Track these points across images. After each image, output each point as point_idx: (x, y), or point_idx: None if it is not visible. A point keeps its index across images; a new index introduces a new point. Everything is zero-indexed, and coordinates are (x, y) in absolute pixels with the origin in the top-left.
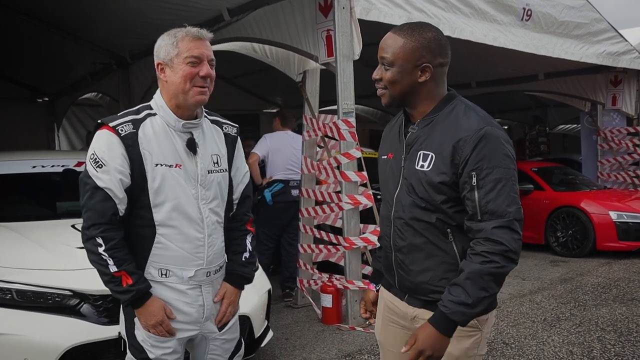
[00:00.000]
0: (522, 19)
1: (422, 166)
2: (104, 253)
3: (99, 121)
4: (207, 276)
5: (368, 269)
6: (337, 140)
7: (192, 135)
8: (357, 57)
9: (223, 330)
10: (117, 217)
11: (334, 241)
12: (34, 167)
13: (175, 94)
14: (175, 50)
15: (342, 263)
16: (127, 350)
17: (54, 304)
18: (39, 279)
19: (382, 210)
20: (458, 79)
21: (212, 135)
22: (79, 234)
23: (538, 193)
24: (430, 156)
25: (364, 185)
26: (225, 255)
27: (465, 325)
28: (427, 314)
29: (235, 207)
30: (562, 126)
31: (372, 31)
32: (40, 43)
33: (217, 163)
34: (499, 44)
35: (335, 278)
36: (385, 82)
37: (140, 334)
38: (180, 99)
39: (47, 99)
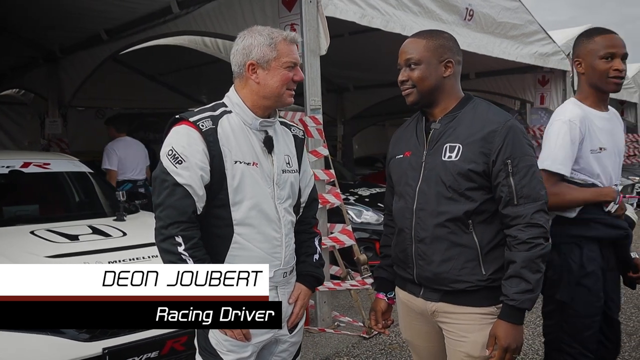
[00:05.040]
0: (464, 19)
1: (450, 157)
2: (184, 252)
3: (176, 116)
4: (283, 277)
5: (335, 269)
6: None
7: (268, 133)
8: (324, 53)
9: (293, 333)
10: (195, 216)
11: None
12: None
13: (268, 96)
14: (273, 52)
15: None
16: (197, 355)
17: None
18: None
19: (399, 204)
20: (388, 77)
21: (283, 136)
22: (42, 241)
23: None
24: (457, 147)
25: (332, 183)
26: (295, 257)
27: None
28: (447, 306)
29: (302, 210)
30: None
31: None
32: None
33: (289, 163)
34: None
35: None
36: (413, 80)
37: (215, 338)
38: (272, 101)
39: None
